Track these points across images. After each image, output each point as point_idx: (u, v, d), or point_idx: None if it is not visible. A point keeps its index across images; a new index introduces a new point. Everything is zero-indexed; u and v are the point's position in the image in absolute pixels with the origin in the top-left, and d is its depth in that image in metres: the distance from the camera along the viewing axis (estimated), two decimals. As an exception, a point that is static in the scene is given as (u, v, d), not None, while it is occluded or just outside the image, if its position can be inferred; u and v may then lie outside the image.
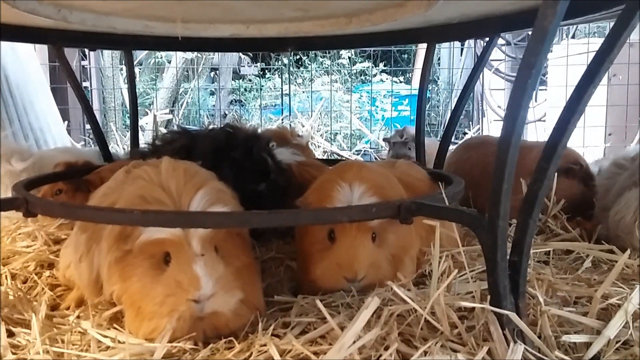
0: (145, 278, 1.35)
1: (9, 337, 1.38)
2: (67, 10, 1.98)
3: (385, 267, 1.60)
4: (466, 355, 1.21)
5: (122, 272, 1.39)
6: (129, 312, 1.39)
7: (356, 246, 1.55)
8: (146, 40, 2.59)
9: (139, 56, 8.81)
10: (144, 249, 1.36)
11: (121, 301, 1.41)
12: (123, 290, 1.39)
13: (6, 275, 1.81)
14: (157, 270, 1.35)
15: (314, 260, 1.60)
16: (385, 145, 4.28)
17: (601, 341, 1.26)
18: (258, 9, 2.01)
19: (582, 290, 1.58)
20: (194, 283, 1.29)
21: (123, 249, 1.38)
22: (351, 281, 1.55)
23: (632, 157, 2.20)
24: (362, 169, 1.71)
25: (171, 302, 1.31)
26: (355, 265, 1.54)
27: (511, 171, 1.21)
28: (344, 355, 1.17)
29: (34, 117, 4.31)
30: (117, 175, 1.67)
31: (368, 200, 1.57)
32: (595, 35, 6.91)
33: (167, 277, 1.33)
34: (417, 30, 2.55)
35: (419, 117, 2.84)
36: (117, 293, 1.41)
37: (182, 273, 1.31)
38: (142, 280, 1.35)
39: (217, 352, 1.33)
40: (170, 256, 1.34)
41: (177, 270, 1.32)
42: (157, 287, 1.33)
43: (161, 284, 1.33)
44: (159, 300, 1.32)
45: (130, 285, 1.37)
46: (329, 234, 1.59)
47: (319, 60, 10.35)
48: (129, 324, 1.39)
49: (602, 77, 1.26)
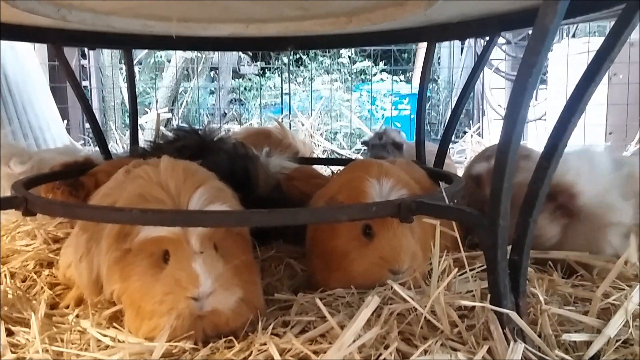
0: (145, 277, 1.35)
1: (8, 336, 1.38)
2: (66, 10, 1.97)
3: (420, 258, 1.64)
4: (466, 354, 1.21)
5: (121, 272, 1.39)
6: (129, 311, 1.39)
7: (399, 238, 1.59)
8: (146, 40, 2.59)
9: (139, 55, 8.81)
10: (143, 247, 1.36)
11: (121, 301, 1.41)
12: (123, 290, 1.39)
13: (5, 274, 1.81)
14: (156, 269, 1.34)
15: (353, 257, 1.62)
16: (364, 148, 4.22)
17: (601, 340, 1.26)
18: (258, 7, 2.01)
19: (582, 290, 1.58)
20: (193, 281, 1.28)
21: (122, 248, 1.38)
22: (397, 273, 1.58)
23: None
24: (382, 165, 1.76)
25: (170, 300, 1.30)
26: (402, 256, 1.57)
27: (511, 170, 1.21)
28: (344, 354, 1.17)
29: (33, 116, 4.31)
30: (117, 175, 1.67)
31: (398, 194, 1.63)
32: (595, 34, 6.91)
33: (166, 275, 1.32)
34: (417, 29, 2.54)
35: (419, 116, 2.83)
36: (117, 292, 1.41)
37: (181, 271, 1.30)
38: (141, 279, 1.35)
39: (216, 351, 1.33)
40: (169, 254, 1.34)
41: (176, 268, 1.31)
42: (156, 285, 1.32)
43: (160, 282, 1.32)
44: (158, 299, 1.31)
45: (129, 285, 1.37)
46: (364, 230, 1.61)
47: (319, 59, 10.35)
48: (129, 323, 1.39)
49: (602, 76, 1.26)
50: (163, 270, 1.33)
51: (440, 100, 9.06)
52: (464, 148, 5.71)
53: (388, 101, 8.13)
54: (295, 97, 8.17)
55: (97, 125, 2.99)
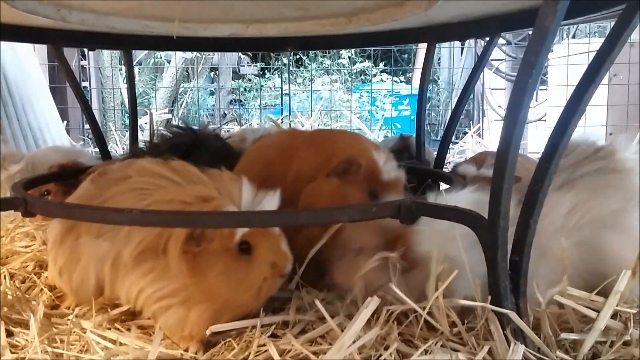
0: (229, 270, 1.36)
1: (8, 336, 1.38)
2: (66, 10, 1.97)
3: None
4: (467, 355, 1.21)
5: (193, 270, 1.35)
6: (201, 307, 1.35)
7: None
8: (145, 40, 2.58)
9: (139, 56, 8.82)
10: (218, 244, 1.37)
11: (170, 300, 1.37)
12: (194, 287, 1.35)
13: (5, 275, 1.80)
14: (240, 262, 1.38)
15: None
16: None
17: (594, 335, 1.26)
18: (258, 8, 2.01)
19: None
20: (285, 260, 1.42)
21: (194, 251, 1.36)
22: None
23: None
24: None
25: (269, 283, 1.40)
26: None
27: (511, 170, 1.21)
28: (343, 355, 1.17)
29: (33, 117, 4.31)
30: (85, 184, 1.68)
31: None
32: (595, 35, 6.92)
33: (258, 262, 1.39)
34: (417, 29, 2.54)
35: (419, 116, 2.83)
36: (168, 290, 1.37)
37: (273, 254, 1.41)
38: (225, 273, 1.36)
39: (216, 354, 1.33)
40: (249, 244, 1.38)
41: (269, 253, 1.40)
42: (250, 273, 1.37)
43: (254, 270, 1.38)
44: (256, 286, 1.38)
45: (206, 281, 1.35)
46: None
47: (319, 59, 10.36)
48: (197, 320, 1.35)
49: (602, 77, 1.26)
50: (250, 260, 1.38)
51: (440, 101, 9.06)
52: (464, 149, 5.70)
53: (388, 102, 8.13)
54: (295, 98, 8.17)
55: (96, 126, 2.99)
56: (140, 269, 1.39)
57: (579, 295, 1.35)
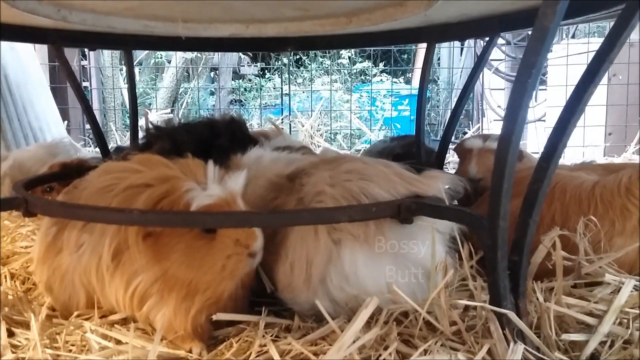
0: (191, 250, 1.33)
1: (9, 336, 1.38)
2: (67, 10, 1.97)
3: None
4: (466, 355, 1.21)
5: (153, 256, 1.34)
6: (172, 295, 1.34)
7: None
8: (146, 40, 2.59)
9: (139, 56, 8.81)
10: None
11: (150, 294, 1.36)
12: (158, 275, 1.33)
13: (6, 276, 1.81)
14: (203, 240, 1.34)
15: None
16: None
17: (597, 338, 1.26)
18: (258, 8, 2.01)
19: (582, 290, 1.58)
20: (252, 236, 1.34)
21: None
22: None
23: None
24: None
25: (233, 261, 1.33)
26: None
27: (511, 171, 1.21)
28: (343, 355, 1.17)
29: (33, 117, 4.31)
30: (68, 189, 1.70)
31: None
32: (595, 35, 6.92)
33: (221, 240, 1.33)
34: (417, 29, 2.54)
35: (419, 116, 2.83)
36: (144, 285, 1.35)
37: (237, 230, 1.34)
38: (187, 254, 1.32)
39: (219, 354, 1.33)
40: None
41: (231, 230, 1.34)
42: (212, 252, 1.33)
43: (216, 248, 1.33)
44: (219, 265, 1.32)
45: (169, 266, 1.33)
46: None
47: (319, 60, 10.36)
48: (173, 310, 1.34)
49: (602, 77, 1.26)
50: (214, 238, 1.34)
51: (440, 101, 9.05)
52: (464, 149, 5.69)
53: (388, 102, 8.13)
54: (295, 98, 8.16)
55: (97, 126, 2.99)
56: (119, 270, 1.38)
57: (575, 303, 1.35)
